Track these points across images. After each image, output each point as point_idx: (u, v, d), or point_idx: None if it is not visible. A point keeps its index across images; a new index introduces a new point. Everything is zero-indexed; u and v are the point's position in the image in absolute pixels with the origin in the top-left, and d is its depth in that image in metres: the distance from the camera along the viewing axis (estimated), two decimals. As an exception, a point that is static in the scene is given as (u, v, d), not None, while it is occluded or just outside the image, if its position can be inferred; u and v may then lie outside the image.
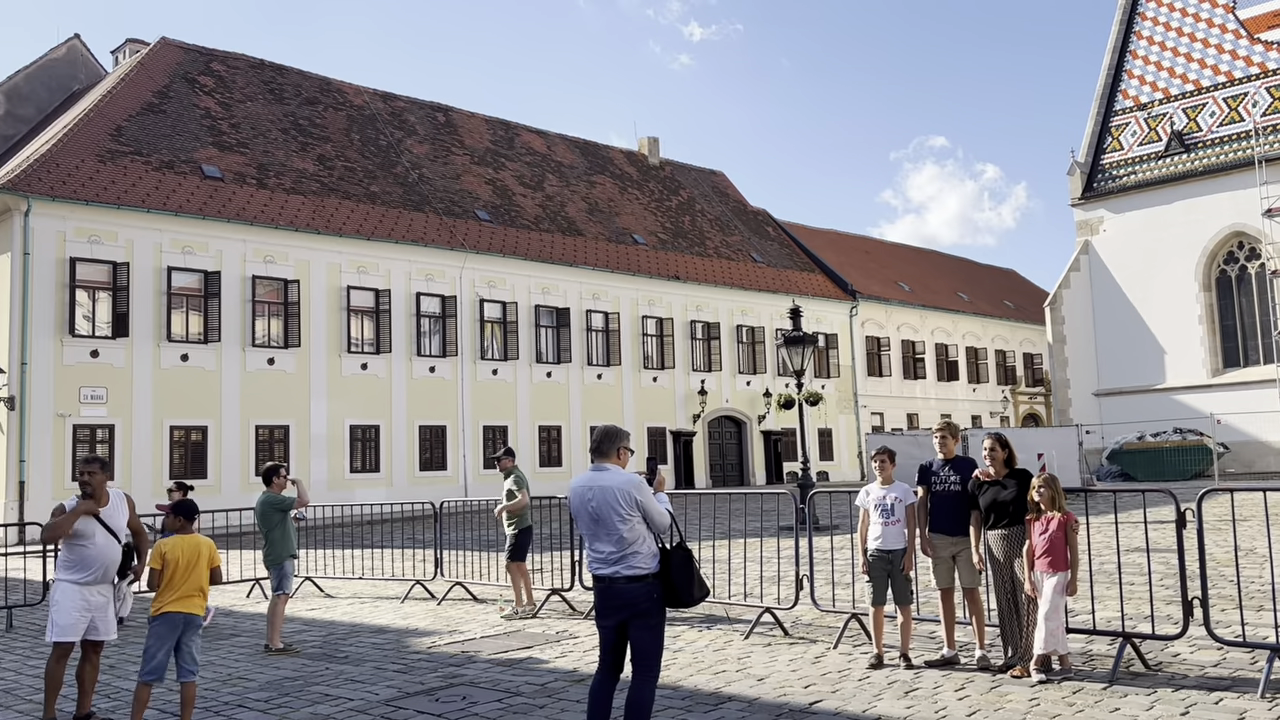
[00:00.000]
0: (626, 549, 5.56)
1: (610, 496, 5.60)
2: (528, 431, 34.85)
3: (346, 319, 31.14)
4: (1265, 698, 6.39)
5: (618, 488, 5.62)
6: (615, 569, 5.58)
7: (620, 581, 5.56)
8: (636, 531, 5.58)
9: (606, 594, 5.63)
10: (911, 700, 6.77)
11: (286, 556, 9.94)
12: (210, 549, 6.71)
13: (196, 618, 6.62)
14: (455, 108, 41.19)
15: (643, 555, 5.58)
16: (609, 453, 5.82)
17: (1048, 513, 7.34)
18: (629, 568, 5.56)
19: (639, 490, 5.61)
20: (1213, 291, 36.19)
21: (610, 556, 5.60)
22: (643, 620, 5.55)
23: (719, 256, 43.86)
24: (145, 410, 27.07)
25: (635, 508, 5.58)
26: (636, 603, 5.54)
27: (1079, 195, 39.16)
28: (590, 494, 5.68)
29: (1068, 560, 7.24)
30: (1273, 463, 33.52)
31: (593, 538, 5.70)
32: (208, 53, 34.92)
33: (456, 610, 11.70)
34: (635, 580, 5.55)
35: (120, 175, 27.98)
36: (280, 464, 10.42)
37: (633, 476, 5.70)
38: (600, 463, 5.82)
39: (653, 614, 5.58)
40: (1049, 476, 7.45)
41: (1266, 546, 7.84)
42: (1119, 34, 40.16)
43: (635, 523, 5.57)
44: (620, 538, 5.56)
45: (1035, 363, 56.56)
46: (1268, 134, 34.86)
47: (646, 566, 5.58)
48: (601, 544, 5.63)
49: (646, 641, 5.56)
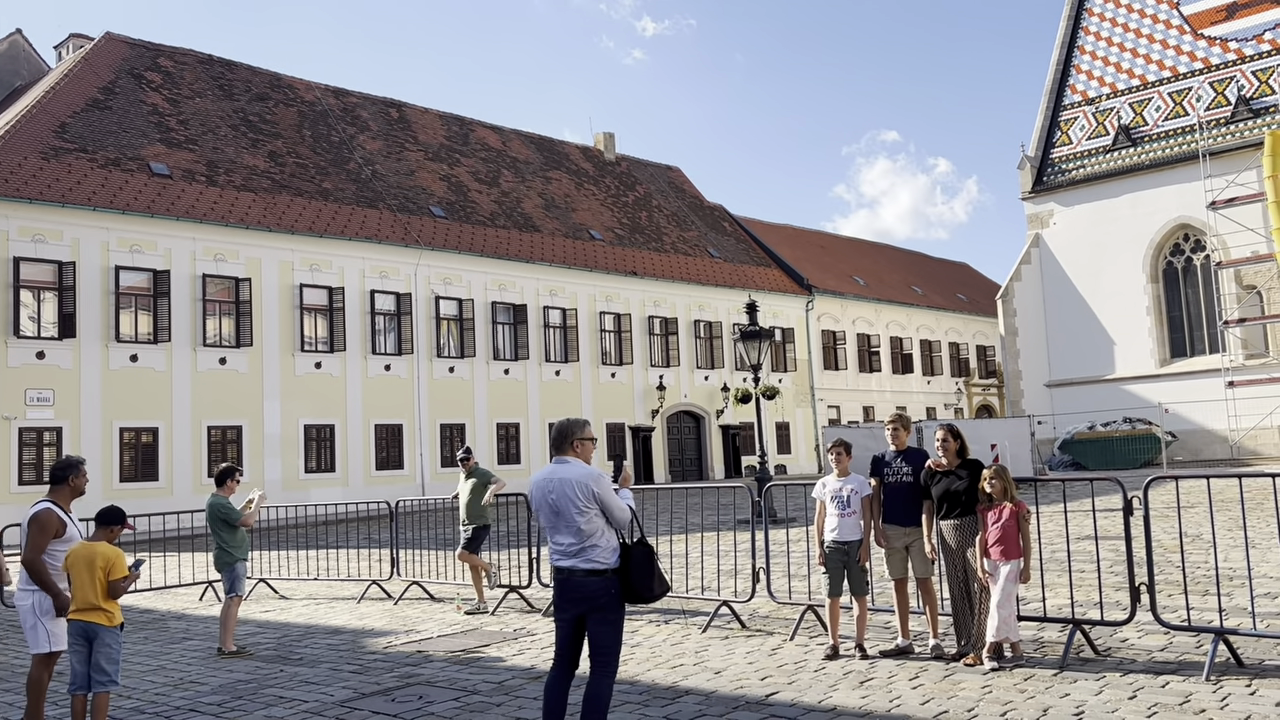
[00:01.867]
0: (585, 541, 5.56)
1: (569, 489, 5.60)
2: (486, 429, 34.70)
3: (300, 317, 30.80)
4: (1210, 680, 6.52)
5: (576, 480, 5.62)
6: (574, 561, 5.59)
7: (579, 574, 5.57)
8: (595, 524, 5.58)
9: (565, 586, 5.64)
10: (866, 690, 6.83)
11: (238, 559, 9.82)
12: (106, 559, 6.28)
13: (97, 627, 6.26)
14: (409, 103, 40.88)
15: (602, 549, 5.58)
16: (566, 446, 5.83)
17: (1000, 503, 7.40)
18: (587, 561, 5.56)
19: (597, 483, 5.60)
20: (1160, 283, 36.85)
21: (569, 549, 5.61)
22: (600, 615, 5.55)
23: (676, 252, 43.93)
24: (94, 412, 26.60)
25: (593, 500, 5.58)
26: (594, 597, 5.54)
27: (1029, 189, 39.68)
28: (550, 486, 5.69)
29: (1020, 549, 7.32)
30: (1219, 451, 34.22)
31: (553, 530, 5.70)
32: (154, 48, 34.34)
33: (413, 610, 11.62)
34: (594, 574, 5.55)
35: (65, 173, 27.45)
36: (236, 468, 10.27)
37: (592, 470, 5.72)
38: (560, 456, 5.83)
39: (610, 609, 5.57)
40: (999, 467, 7.53)
41: (1211, 533, 8.00)
42: (1067, 29, 40.73)
43: (593, 515, 5.58)
44: (578, 529, 5.56)
45: (988, 355, 57.28)
46: (1211, 128, 35.54)
47: (605, 561, 5.57)
48: (561, 536, 5.65)
49: (604, 636, 5.56)
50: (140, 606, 12.97)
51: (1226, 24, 36.88)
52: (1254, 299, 34.23)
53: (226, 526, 9.81)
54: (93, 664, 6.26)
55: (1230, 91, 35.85)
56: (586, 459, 5.86)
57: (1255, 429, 33.57)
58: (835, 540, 7.83)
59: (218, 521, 9.81)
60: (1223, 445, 34.16)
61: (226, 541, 9.78)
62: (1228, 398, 33.88)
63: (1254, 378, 33.72)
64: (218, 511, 9.82)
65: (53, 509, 6.52)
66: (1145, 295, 36.74)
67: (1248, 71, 35.82)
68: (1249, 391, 33.65)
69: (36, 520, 6.47)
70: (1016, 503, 7.44)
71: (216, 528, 9.81)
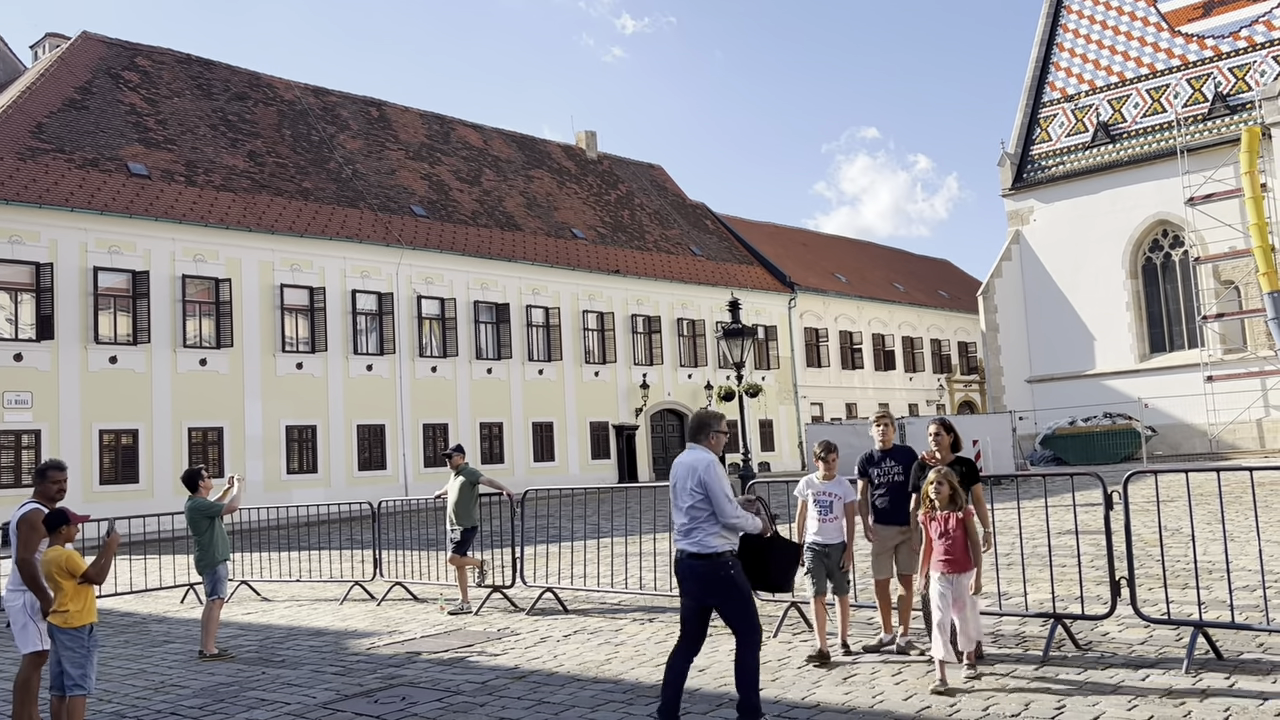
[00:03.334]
0: (692, 524, 5.89)
1: (686, 472, 5.98)
2: (469, 428, 34.62)
3: (280, 318, 30.65)
4: (1190, 673, 6.56)
5: (692, 465, 5.98)
6: (684, 543, 5.95)
7: (685, 558, 5.93)
8: (702, 509, 5.87)
9: (677, 567, 6.03)
10: (850, 686, 6.84)
11: (219, 561, 9.76)
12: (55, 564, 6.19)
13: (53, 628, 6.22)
14: (389, 102, 40.73)
15: (707, 533, 5.86)
16: (701, 436, 6.18)
17: (943, 511, 6.88)
18: (694, 544, 5.88)
19: (707, 471, 5.89)
20: (1139, 279, 37.10)
21: (680, 528, 5.99)
22: (719, 598, 5.88)
23: (658, 250, 43.94)
24: (73, 414, 26.40)
25: (701, 486, 5.87)
26: (704, 580, 5.87)
27: (1009, 186, 39.88)
28: (676, 469, 6.12)
29: (971, 559, 6.84)
30: (1198, 445, 34.49)
31: (675, 511, 6.11)
32: (132, 47, 34.09)
33: (396, 610, 11.58)
34: (698, 557, 5.85)
35: (42, 173, 27.22)
36: (201, 467, 10.21)
37: (707, 456, 6.02)
38: (693, 444, 6.19)
39: (727, 591, 5.85)
40: (947, 471, 7.02)
41: (1190, 526, 8.05)
42: (1046, 27, 40.96)
43: (700, 501, 5.88)
44: (685, 511, 5.93)
45: (969, 351, 57.54)
46: (1189, 125, 35.80)
47: (711, 545, 5.85)
48: (677, 517, 6.06)
49: (731, 616, 5.88)
50: (121, 609, 12.89)
51: (1203, 21, 37.16)
52: (1232, 294, 34.52)
53: (207, 527, 9.74)
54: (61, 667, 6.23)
55: (1207, 88, 36.12)
56: (716, 451, 6.12)
57: (1233, 423, 33.86)
58: (817, 543, 7.76)
59: (198, 523, 9.75)
60: (1202, 439, 34.42)
61: (207, 543, 9.73)
62: (1206, 392, 34.16)
63: (1232, 372, 34.00)
64: (198, 511, 9.76)
65: (40, 509, 6.47)
66: (1125, 291, 36.98)
67: (1224, 68, 36.10)
68: (1227, 386, 33.93)
69: (26, 520, 6.44)
70: (964, 510, 6.93)
71: (197, 529, 9.76)
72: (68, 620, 6.20)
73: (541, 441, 36.92)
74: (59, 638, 6.23)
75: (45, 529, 6.39)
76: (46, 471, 6.69)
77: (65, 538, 6.40)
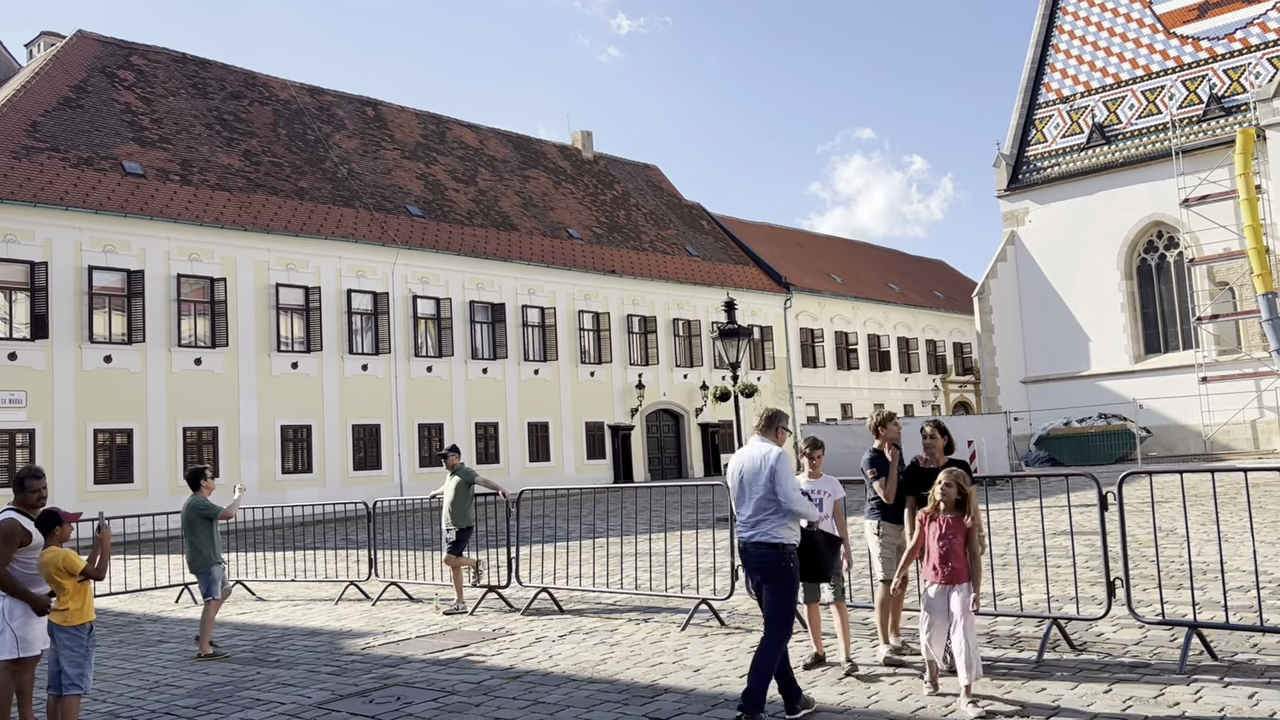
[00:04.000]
0: (761, 515, 6.18)
1: (755, 465, 6.28)
2: (464, 428, 34.59)
3: (276, 317, 30.61)
4: (1184, 674, 6.58)
5: (761, 457, 6.28)
6: (750, 533, 6.24)
7: (750, 546, 6.23)
8: (772, 502, 6.16)
9: (743, 556, 6.36)
10: (845, 687, 6.85)
11: (214, 562, 9.74)
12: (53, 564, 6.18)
13: (53, 626, 6.21)
14: (385, 102, 40.68)
15: (774, 525, 6.17)
16: (770, 430, 6.48)
17: (946, 514, 6.43)
18: (762, 534, 6.18)
19: (778, 463, 6.20)
20: (1134, 280, 37.17)
21: (748, 520, 6.27)
22: (771, 584, 6.17)
23: (654, 251, 43.94)
24: (67, 413, 26.34)
25: (770, 478, 6.17)
26: (766, 568, 6.18)
27: (1005, 187, 39.94)
28: (743, 460, 6.42)
29: (969, 570, 6.33)
30: (1193, 445, 34.55)
31: (738, 502, 6.40)
32: (127, 46, 34.02)
33: (391, 610, 11.57)
34: (765, 546, 6.16)
35: (37, 172, 27.16)
36: (205, 467, 10.22)
37: (776, 448, 6.35)
38: (762, 437, 6.47)
39: (779, 579, 6.14)
40: (959, 473, 6.62)
41: (1184, 527, 8.07)
42: (1041, 28, 41.02)
43: (768, 492, 6.17)
44: (755, 502, 6.22)
45: (965, 352, 57.61)
46: (1184, 126, 35.87)
47: (778, 536, 6.17)
48: (743, 508, 6.33)
49: (771, 604, 6.18)
50: (115, 609, 12.87)
51: (1198, 23, 37.23)
52: (1226, 295, 34.59)
53: (203, 528, 9.73)
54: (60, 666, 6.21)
55: (1202, 90, 36.19)
56: (781, 445, 6.45)
57: (1228, 424, 33.92)
58: None
59: (195, 522, 9.73)
60: (1196, 440, 34.49)
61: (202, 544, 9.72)
62: (1201, 393, 34.22)
63: (1226, 373, 34.07)
64: (197, 510, 9.73)
65: (15, 517, 6.29)
66: (1120, 292, 37.05)
67: (1219, 70, 36.17)
68: (1221, 387, 34.00)
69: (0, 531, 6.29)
70: (972, 517, 6.48)
71: (193, 529, 9.74)
72: (67, 619, 6.19)
73: (537, 442, 36.90)
74: (58, 636, 6.22)
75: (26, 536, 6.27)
76: (25, 480, 6.50)
77: (61, 538, 6.37)
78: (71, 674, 6.18)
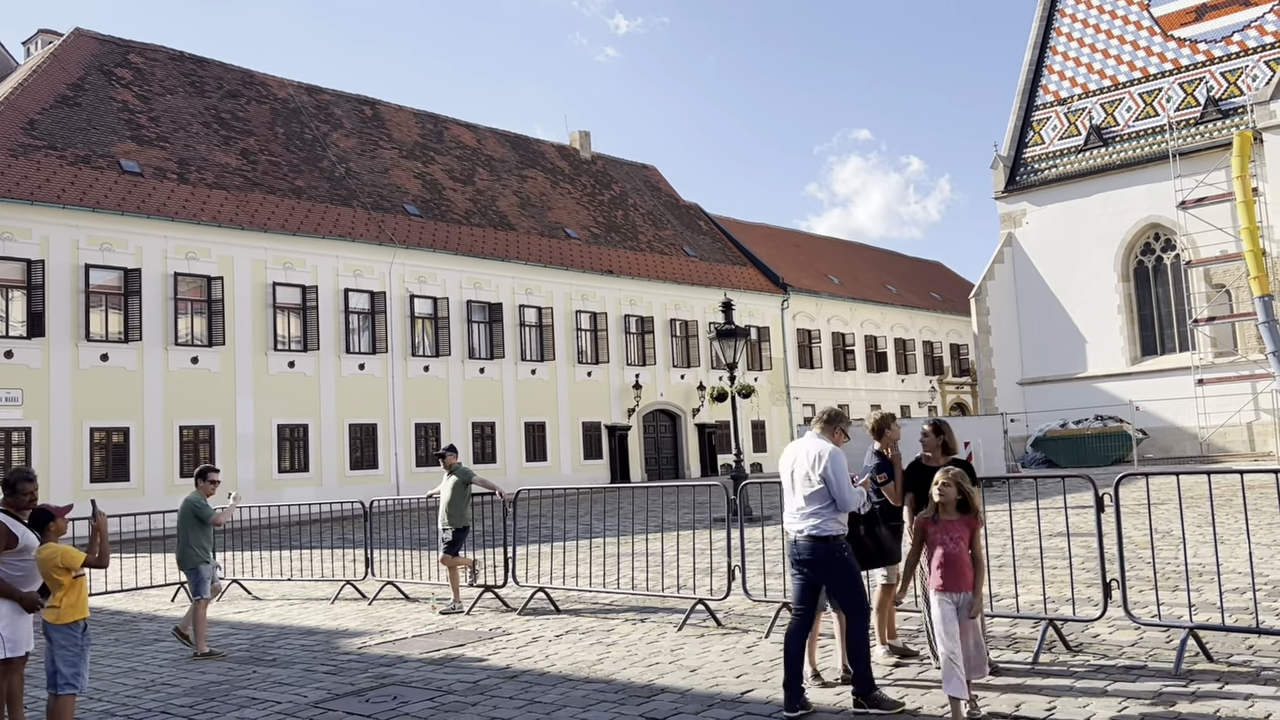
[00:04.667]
0: (811, 508, 6.31)
1: (809, 460, 6.40)
2: (461, 428, 34.58)
3: (272, 316, 30.58)
4: (1180, 675, 6.58)
5: (815, 451, 6.41)
6: (799, 526, 6.38)
7: (802, 539, 6.36)
8: (822, 495, 6.29)
9: (792, 548, 6.47)
10: (841, 686, 6.84)
11: (202, 561, 9.71)
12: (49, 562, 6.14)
13: (45, 624, 6.16)
14: (382, 101, 40.66)
15: (824, 518, 6.28)
16: (830, 428, 6.62)
17: (946, 517, 6.05)
18: (814, 528, 6.30)
19: (834, 458, 6.31)
20: (1131, 282, 37.20)
21: (798, 511, 6.40)
22: (832, 578, 6.34)
23: (652, 251, 43.94)
24: (64, 412, 26.31)
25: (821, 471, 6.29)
26: (817, 561, 6.32)
27: (1002, 188, 39.96)
28: (795, 453, 6.56)
29: (970, 577, 5.94)
30: (1189, 448, 34.58)
31: (788, 494, 6.53)
32: (124, 44, 33.99)
33: (388, 610, 11.57)
34: (815, 539, 6.30)
35: (34, 170, 27.12)
36: (214, 468, 10.19)
37: (829, 445, 6.44)
38: (819, 434, 6.59)
39: (837, 571, 6.31)
40: (958, 472, 6.27)
41: (1181, 529, 8.08)
42: (1039, 30, 41.04)
43: (819, 486, 6.29)
44: (805, 495, 6.35)
45: (961, 353, 57.65)
46: (1181, 129, 35.91)
47: (827, 529, 6.28)
48: (792, 500, 6.46)
49: (840, 594, 6.37)
50: (111, 608, 12.86)
51: (1196, 25, 37.27)
52: (1223, 298, 34.62)
53: (197, 525, 9.74)
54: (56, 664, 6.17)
55: (1200, 92, 36.23)
56: (838, 445, 6.55)
57: (1224, 426, 33.95)
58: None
59: (189, 518, 9.74)
60: (1192, 442, 34.52)
61: (194, 541, 9.69)
62: (1197, 395, 34.24)
63: (1223, 375, 34.10)
64: (194, 507, 9.73)
65: (2, 519, 6.19)
66: (1116, 294, 37.07)
67: (1217, 73, 36.21)
68: (1218, 389, 34.02)
69: None
70: (976, 518, 6.13)
71: (186, 525, 9.74)
72: (59, 616, 6.13)
73: (534, 441, 36.90)
74: (52, 635, 6.16)
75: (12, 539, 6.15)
76: (17, 484, 6.38)
77: (56, 532, 6.32)
78: (67, 674, 6.14)
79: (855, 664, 6.23)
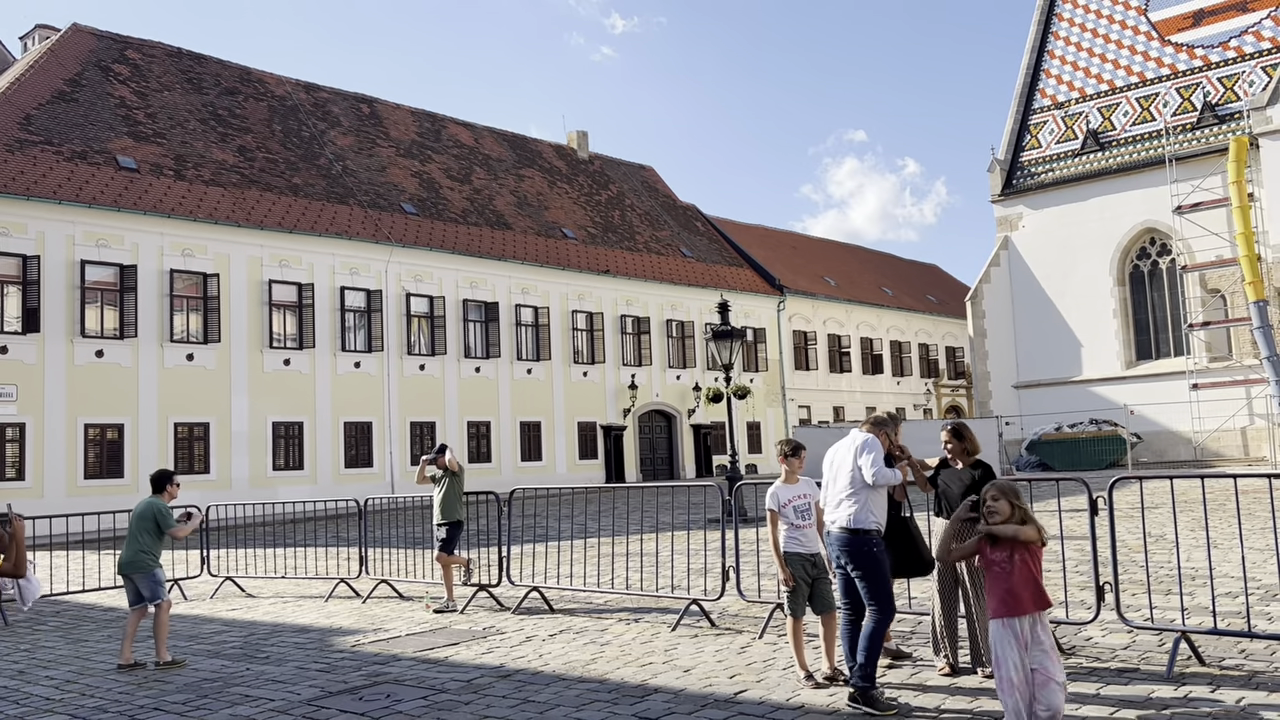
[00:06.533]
0: (848, 500, 6.42)
1: (846, 451, 6.55)
2: (456, 427, 34.57)
3: (268, 314, 30.55)
4: (1172, 679, 6.60)
5: (853, 442, 6.56)
6: (833, 517, 6.51)
7: (838, 530, 6.47)
8: (859, 489, 6.40)
9: (829, 539, 6.57)
10: (835, 688, 6.85)
11: (157, 565, 9.23)
12: None
13: None
14: (380, 99, 40.64)
15: (859, 510, 6.37)
16: (878, 429, 6.71)
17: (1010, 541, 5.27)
18: (845, 519, 6.41)
19: (872, 443, 6.45)
20: (1126, 286, 37.29)
21: (834, 502, 6.53)
22: (859, 570, 6.38)
23: (649, 251, 43.95)
24: (58, 408, 26.27)
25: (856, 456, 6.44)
26: (852, 552, 6.38)
27: (999, 192, 40.04)
28: (839, 447, 6.66)
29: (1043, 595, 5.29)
30: (1183, 452, 34.66)
31: (827, 486, 6.65)
32: (122, 40, 33.94)
33: (382, 608, 11.56)
34: (852, 531, 6.38)
35: (30, 165, 27.08)
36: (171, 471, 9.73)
37: (867, 437, 6.55)
38: (867, 433, 6.65)
39: (864, 564, 6.35)
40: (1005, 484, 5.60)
41: (1174, 533, 8.10)
42: (1037, 34, 41.14)
43: (855, 474, 6.43)
44: (844, 488, 6.46)
45: (957, 356, 57.72)
46: (1178, 133, 36.00)
47: (862, 522, 6.37)
48: (832, 493, 6.56)
49: (869, 588, 6.37)
50: (103, 605, 12.84)
51: (1193, 31, 37.38)
52: (1218, 302, 34.72)
53: (155, 531, 9.17)
54: None
55: (1196, 97, 36.33)
56: (883, 445, 6.63)
57: (1218, 431, 34.05)
58: (799, 553, 7.04)
59: (149, 523, 9.09)
60: (1186, 446, 34.60)
61: (148, 546, 9.18)
62: (1192, 400, 34.34)
63: (1217, 380, 34.20)
64: (154, 512, 9.14)
65: None
66: (1112, 298, 37.16)
67: (1213, 78, 36.31)
68: (1212, 394, 34.12)
69: None
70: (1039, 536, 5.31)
71: (143, 529, 9.11)
72: None
73: (529, 441, 36.89)
74: None
75: None
76: None
77: None
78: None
79: (865, 655, 6.22)
